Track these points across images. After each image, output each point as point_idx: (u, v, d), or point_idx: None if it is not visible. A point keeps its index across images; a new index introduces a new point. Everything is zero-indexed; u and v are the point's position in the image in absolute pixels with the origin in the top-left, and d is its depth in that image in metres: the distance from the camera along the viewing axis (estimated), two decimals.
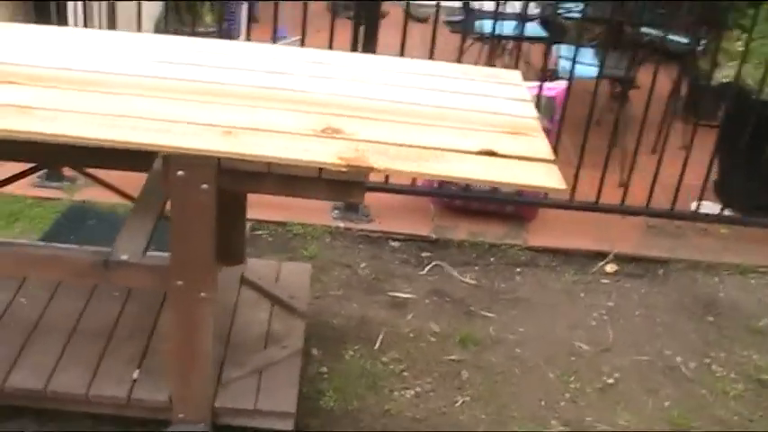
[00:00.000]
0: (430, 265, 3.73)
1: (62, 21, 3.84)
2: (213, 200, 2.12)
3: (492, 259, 3.82)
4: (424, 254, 3.81)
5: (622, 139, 4.32)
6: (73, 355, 2.60)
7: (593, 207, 3.95)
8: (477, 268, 3.75)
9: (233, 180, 2.12)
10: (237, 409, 2.48)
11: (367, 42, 3.55)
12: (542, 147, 2.23)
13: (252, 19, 5.36)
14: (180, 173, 2.08)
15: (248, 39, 3.93)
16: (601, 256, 3.87)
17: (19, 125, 2.02)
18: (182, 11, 5.15)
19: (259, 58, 2.60)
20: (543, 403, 2.95)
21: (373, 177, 2.25)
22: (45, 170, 3.83)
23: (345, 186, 2.11)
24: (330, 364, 3.02)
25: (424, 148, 2.13)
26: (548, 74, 4.71)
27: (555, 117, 3.80)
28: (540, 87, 3.67)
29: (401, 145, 2.13)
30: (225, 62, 2.53)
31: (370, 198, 3.13)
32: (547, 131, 3.84)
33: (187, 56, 2.54)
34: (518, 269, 3.77)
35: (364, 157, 2.03)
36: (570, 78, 3.75)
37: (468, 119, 2.33)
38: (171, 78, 2.37)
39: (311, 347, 3.08)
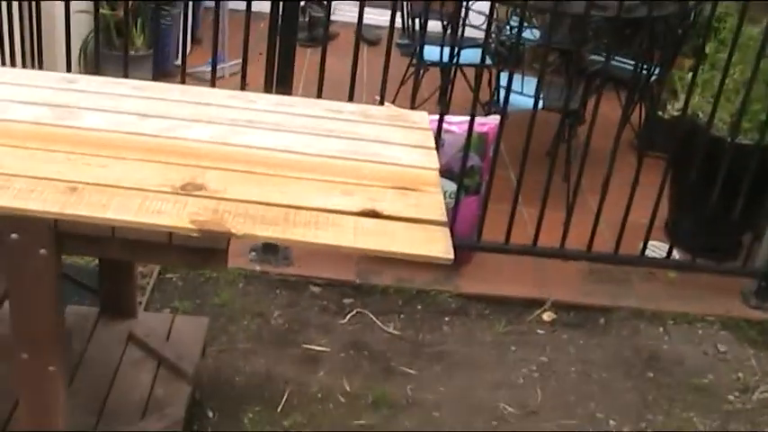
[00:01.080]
0: (351, 313, 3.49)
1: None
2: (53, 266, 1.86)
3: (419, 307, 3.58)
4: (345, 300, 3.56)
5: (572, 175, 4.09)
6: None
7: (531, 251, 3.71)
8: (402, 317, 3.51)
9: (74, 244, 1.87)
10: None
11: (281, 77, 3.29)
12: (434, 205, 1.99)
13: (194, 41, 5.10)
14: (14, 236, 1.83)
15: (181, 64, 3.62)
16: (538, 303, 3.64)
17: None
18: (111, 32, 4.90)
19: (136, 99, 2.35)
20: None
21: None
22: None
23: (202, 253, 1.85)
24: (225, 428, 2.76)
25: (297, 208, 1.88)
26: (485, 106, 4.52)
27: (488, 154, 3.56)
28: (471, 122, 3.44)
29: (270, 204, 1.88)
30: (94, 103, 2.27)
31: None
32: (479, 170, 3.66)
33: (53, 96, 2.28)
34: (446, 318, 3.53)
35: (222, 221, 1.79)
36: (503, 111, 3.52)
37: (356, 171, 2.08)
38: (26, 122, 2.11)
39: (207, 409, 2.83)
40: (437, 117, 3.43)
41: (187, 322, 2.85)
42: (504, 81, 4.16)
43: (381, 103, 3.48)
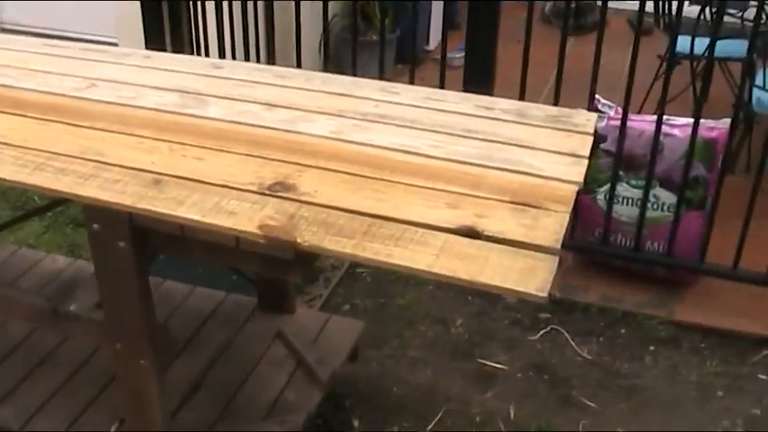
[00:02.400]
0: (545, 330, 3.17)
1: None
2: (134, 260, 1.79)
3: (623, 331, 3.17)
4: (542, 315, 3.25)
5: None
6: (65, 396, 2.40)
7: (765, 280, 3.16)
8: (601, 340, 3.13)
9: (153, 240, 1.78)
10: None
11: (478, 71, 3.03)
12: (552, 228, 1.66)
13: (453, 25, 4.91)
14: (95, 226, 1.78)
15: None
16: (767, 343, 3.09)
17: None
18: (356, 15, 4.85)
19: (271, 87, 2.23)
20: None
21: None
22: None
23: (267, 261, 1.69)
24: None
25: (385, 218, 1.65)
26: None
27: (716, 164, 3.07)
28: (696, 125, 2.97)
29: (355, 212, 1.67)
30: (227, 90, 2.19)
31: None
32: (704, 182, 3.16)
33: (189, 82, 2.23)
34: (651, 347, 3.09)
35: (293, 228, 1.61)
36: (737, 111, 2.99)
37: (477, 179, 1.81)
38: (149, 109, 2.07)
39: (354, 417, 2.68)
40: (653, 117, 3.00)
41: (341, 324, 2.71)
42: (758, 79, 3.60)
43: (591, 100, 3.11)
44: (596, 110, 3.07)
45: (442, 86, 3.09)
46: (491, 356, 3.01)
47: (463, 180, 1.81)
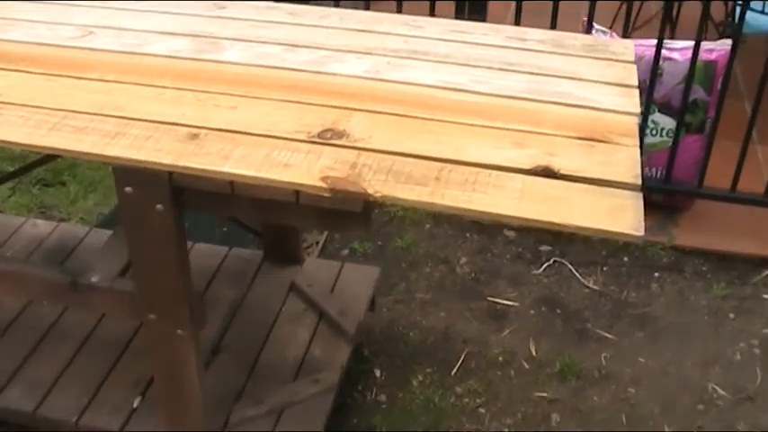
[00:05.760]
0: (548, 263, 3.11)
1: None
2: (173, 224, 1.64)
3: (625, 259, 3.14)
4: (542, 248, 3.19)
5: None
6: (76, 372, 2.25)
7: (762, 201, 3.15)
8: (605, 270, 3.09)
9: (194, 200, 1.63)
10: None
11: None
12: (628, 164, 1.57)
13: None
14: (128, 189, 1.61)
15: None
16: (767, 263, 3.09)
17: None
18: None
19: (288, 27, 2.07)
20: None
21: None
22: None
23: (334, 216, 1.56)
24: (392, 391, 2.51)
25: (453, 162, 1.54)
26: (718, 27, 3.90)
27: (715, 87, 3.01)
28: (696, 48, 2.90)
29: (421, 157, 1.55)
30: (240, 32, 2.02)
31: None
32: (704, 105, 3.12)
33: (198, 25, 2.05)
34: (656, 274, 3.07)
35: (359, 179, 1.48)
36: (738, 33, 2.93)
37: (535, 115, 1.70)
38: (161, 56, 1.90)
39: (375, 367, 2.59)
40: (653, 42, 2.92)
41: (356, 272, 2.59)
42: None
43: (589, 25, 3.02)
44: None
45: (432, 14, 2.97)
46: (500, 294, 2.94)
47: (520, 117, 1.70)
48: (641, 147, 2.94)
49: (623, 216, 1.43)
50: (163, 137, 1.59)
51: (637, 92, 1.84)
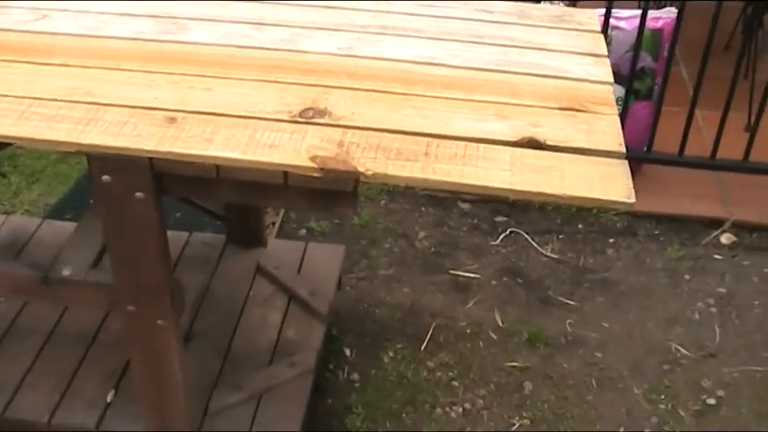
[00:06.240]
0: (504, 234, 3.13)
1: None
2: (153, 211, 1.59)
3: (580, 226, 3.18)
4: (498, 218, 3.21)
5: (758, 73, 3.54)
6: (44, 368, 2.18)
7: (709, 163, 3.22)
8: (561, 237, 3.13)
9: (175, 186, 1.59)
10: None
11: None
12: (610, 132, 1.59)
13: None
14: (105, 178, 1.56)
15: None
16: (716, 223, 3.17)
17: None
18: None
19: (252, 4, 2.02)
20: (622, 430, 2.36)
21: None
22: None
23: (324, 197, 1.53)
24: (364, 369, 2.51)
25: (439, 137, 1.53)
26: None
27: (662, 54, 3.07)
28: (643, 17, 2.94)
29: (407, 133, 1.53)
30: (204, 11, 1.96)
31: None
32: (651, 72, 3.17)
33: (158, 6, 1.98)
34: (611, 239, 3.12)
35: (348, 157, 1.46)
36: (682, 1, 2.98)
37: (512, 87, 1.70)
38: (125, 38, 1.83)
39: (344, 346, 2.58)
40: (601, 12, 2.95)
41: (321, 251, 2.58)
42: None
43: None
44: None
45: None
46: (461, 266, 2.95)
47: (498, 89, 1.70)
48: None
49: (614, 184, 1.45)
50: (139, 122, 1.54)
51: (607, 60, 1.86)
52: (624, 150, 1.54)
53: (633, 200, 1.44)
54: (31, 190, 3.25)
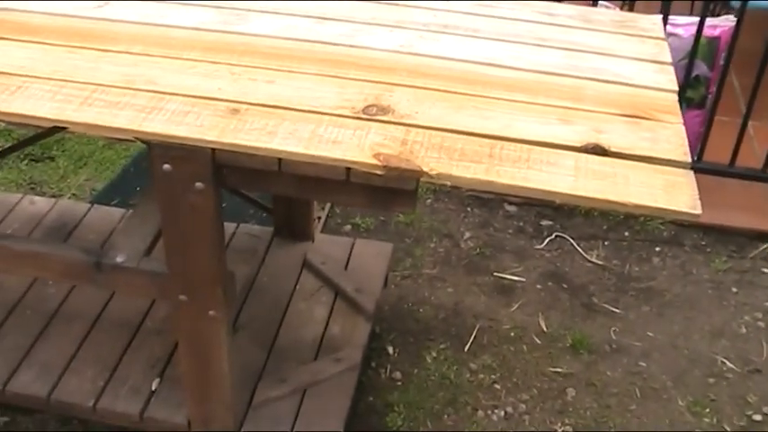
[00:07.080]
0: (550, 238, 3.11)
1: None
2: (212, 202, 1.59)
3: (626, 233, 3.15)
4: (543, 222, 3.18)
5: None
6: (89, 353, 2.19)
7: (760, 176, 3.18)
8: (606, 244, 3.09)
9: (234, 178, 1.58)
10: None
11: None
12: (675, 141, 1.56)
13: None
14: (166, 167, 1.56)
15: None
16: (764, 237, 3.12)
17: None
18: None
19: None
20: None
21: None
22: None
23: (385, 194, 1.52)
24: (406, 368, 2.50)
25: (503, 139, 1.51)
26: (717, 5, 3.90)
27: (717, 63, 3.02)
28: (700, 24, 2.90)
29: (471, 134, 1.52)
30: (267, 4, 1.96)
31: None
32: (705, 81, 3.12)
33: None
34: (657, 248, 3.08)
35: (411, 155, 1.45)
36: (742, 10, 2.93)
37: (576, 91, 1.69)
38: (187, 28, 1.84)
39: (387, 344, 2.57)
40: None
41: (369, 248, 2.57)
42: None
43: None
44: None
45: None
46: (505, 269, 2.93)
47: (561, 93, 1.68)
48: None
49: (679, 194, 1.43)
50: (202, 112, 1.54)
51: (671, 68, 1.83)
52: (689, 160, 1.52)
53: (699, 211, 1.42)
54: (78, 174, 3.27)
